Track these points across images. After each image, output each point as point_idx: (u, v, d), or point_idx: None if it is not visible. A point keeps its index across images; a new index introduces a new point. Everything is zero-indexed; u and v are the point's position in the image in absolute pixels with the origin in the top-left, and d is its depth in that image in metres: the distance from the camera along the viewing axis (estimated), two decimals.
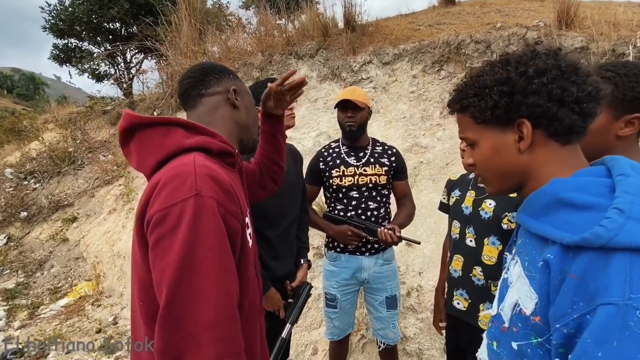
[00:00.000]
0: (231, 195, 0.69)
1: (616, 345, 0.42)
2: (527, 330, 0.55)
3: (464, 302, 1.35)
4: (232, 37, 5.63)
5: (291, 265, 1.55)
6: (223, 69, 0.91)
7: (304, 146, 3.63)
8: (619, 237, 0.45)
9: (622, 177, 0.51)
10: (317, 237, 2.94)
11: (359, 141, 1.73)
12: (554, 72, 0.56)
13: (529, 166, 0.60)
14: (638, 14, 3.44)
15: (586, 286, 0.46)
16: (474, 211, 1.32)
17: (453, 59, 3.45)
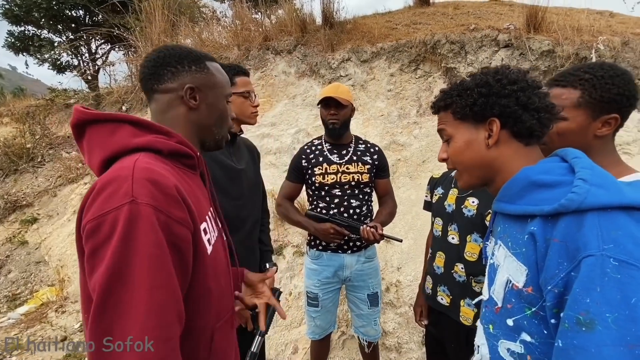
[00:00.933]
0: (176, 201, 0.62)
1: (599, 290, 0.49)
2: (521, 304, 0.61)
3: (446, 298, 1.37)
4: (206, 29, 5.44)
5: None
6: (184, 58, 0.78)
7: (282, 143, 3.59)
8: (588, 200, 0.54)
9: (576, 158, 0.62)
10: (297, 235, 2.91)
11: (342, 139, 1.73)
12: (522, 84, 0.68)
13: (496, 161, 0.71)
14: (598, 21, 3.66)
15: (567, 247, 0.54)
16: (457, 209, 1.34)
17: (429, 59, 3.52)
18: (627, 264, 0.49)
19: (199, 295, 0.68)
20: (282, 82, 3.97)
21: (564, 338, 0.52)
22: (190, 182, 0.74)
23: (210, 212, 0.79)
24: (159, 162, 0.66)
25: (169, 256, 0.59)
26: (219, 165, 1.32)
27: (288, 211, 1.75)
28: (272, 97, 3.92)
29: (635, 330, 0.46)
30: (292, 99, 3.86)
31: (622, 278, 0.48)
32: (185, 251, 0.63)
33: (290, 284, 2.66)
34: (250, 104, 1.40)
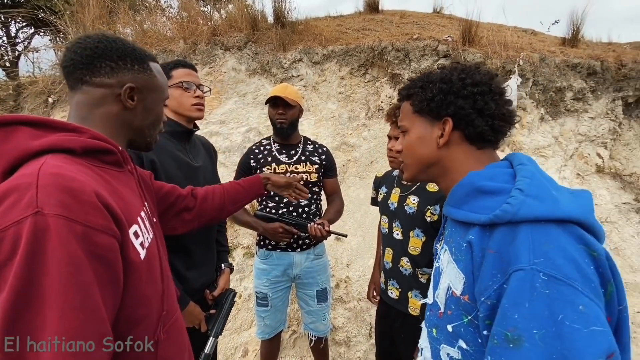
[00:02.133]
0: (95, 207, 0.55)
1: (528, 305, 0.48)
2: (459, 311, 0.60)
3: (396, 291, 1.44)
4: (148, 19, 5.09)
5: (211, 273, 1.41)
6: (128, 55, 0.73)
7: (232, 142, 3.50)
8: (521, 211, 0.53)
9: (520, 166, 0.62)
10: (247, 236, 2.86)
11: (290, 139, 1.74)
12: (484, 87, 0.67)
13: (445, 161, 0.70)
14: (522, 38, 4.12)
15: (501, 259, 0.53)
16: (399, 206, 1.42)
17: (377, 64, 3.68)
18: (555, 279, 0.47)
19: (135, 304, 0.63)
20: (232, 79, 3.87)
21: (492, 354, 0.51)
22: (115, 181, 0.67)
23: (143, 212, 0.73)
24: (71, 164, 0.59)
25: (86, 273, 0.52)
26: (175, 162, 1.26)
27: None
28: (221, 94, 3.80)
29: (561, 348, 0.45)
30: (242, 97, 3.78)
31: (551, 293, 0.47)
32: (113, 262, 0.57)
33: (240, 285, 2.61)
34: (190, 94, 1.32)
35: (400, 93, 0.78)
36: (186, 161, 1.32)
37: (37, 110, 4.56)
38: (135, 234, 0.65)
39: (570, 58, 3.30)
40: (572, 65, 3.25)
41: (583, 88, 3.25)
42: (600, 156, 3.21)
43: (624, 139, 3.31)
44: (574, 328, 0.45)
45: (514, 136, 3.22)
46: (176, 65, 1.34)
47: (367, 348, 2.32)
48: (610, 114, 3.27)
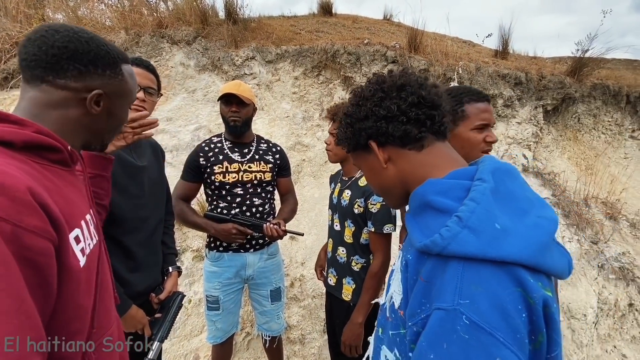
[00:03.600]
0: (29, 206, 0.51)
1: (446, 347, 0.45)
2: (397, 322, 0.58)
3: (333, 278, 1.56)
4: (84, 5, 4.65)
5: (157, 275, 1.36)
6: (100, 59, 0.68)
7: (180, 140, 3.33)
8: (451, 246, 0.48)
9: (479, 182, 0.53)
10: (197, 238, 2.75)
11: (243, 137, 1.71)
12: (377, 96, 0.65)
13: (399, 177, 0.65)
14: (461, 48, 4.49)
15: (430, 289, 0.50)
16: (338, 200, 1.54)
17: (330, 66, 3.76)
18: (477, 326, 0.44)
19: (69, 316, 0.58)
20: (180, 74, 3.69)
21: None
22: (59, 181, 0.62)
23: (88, 216, 0.68)
24: (7, 158, 0.54)
25: (16, 276, 0.47)
26: (118, 162, 1.19)
27: (184, 213, 1.65)
28: (167, 90, 3.60)
29: None
30: (191, 94, 3.62)
31: (470, 340, 0.44)
32: (44, 267, 0.51)
33: (190, 290, 2.50)
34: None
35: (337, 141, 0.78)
36: (129, 160, 1.26)
37: None
38: (76, 238, 0.60)
39: (500, 69, 3.66)
40: (502, 75, 3.62)
41: (511, 96, 3.63)
42: (525, 157, 3.61)
43: (544, 142, 3.76)
44: None
45: None
46: (136, 62, 1.29)
47: (322, 344, 2.36)
48: (533, 120, 3.70)
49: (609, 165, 3.77)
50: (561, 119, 3.88)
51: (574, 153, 3.84)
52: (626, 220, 3.13)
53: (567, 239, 2.85)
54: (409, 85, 0.64)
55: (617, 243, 2.87)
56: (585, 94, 3.83)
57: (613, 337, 2.51)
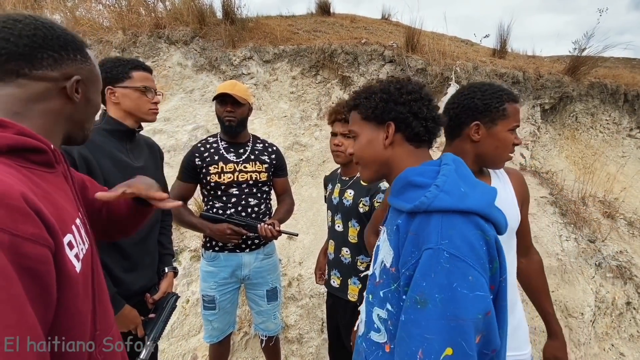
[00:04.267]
0: (24, 214, 0.49)
1: (433, 276, 0.61)
2: (389, 280, 0.73)
3: (337, 280, 1.54)
4: (81, 5, 4.65)
5: (152, 275, 1.36)
6: (69, 43, 0.66)
7: (177, 140, 3.33)
8: (434, 203, 0.66)
9: (444, 165, 0.74)
10: (195, 239, 2.75)
11: (239, 137, 1.71)
12: (416, 95, 0.80)
13: (390, 160, 0.81)
14: (459, 48, 4.49)
15: (418, 240, 0.66)
16: (339, 201, 1.53)
17: (327, 66, 3.76)
18: (455, 257, 0.61)
19: (70, 322, 0.57)
20: (177, 74, 3.68)
21: (405, 313, 0.64)
22: (45, 184, 0.59)
23: (78, 219, 0.65)
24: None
25: (17, 287, 0.45)
26: (112, 162, 1.20)
27: (180, 213, 1.65)
28: (165, 90, 3.60)
29: (453, 307, 0.59)
30: (189, 94, 3.62)
31: (450, 267, 0.60)
32: (44, 274, 0.49)
33: (188, 290, 2.50)
34: (148, 100, 1.32)
35: (347, 104, 0.90)
36: (125, 161, 1.26)
37: None
38: (69, 244, 0.57)
39: (498, 68, 3.66)
40: (500, 74, 3.62)
41: None
42: (523, 156, 3.61)
43: (541, 141, 3.76)
44: (463, 293, 0.59)
45: None
46: (136, 66, 1.31)
47: (319, 343, 2.36)
48: (531, 119, 3.70)
49: (607, 164, 3.77)
50: (559, 118, 3.88)
51: (571, 152, 3.84)
52: (624, 218, 3.13)
53: (565, 238, 2.85)
54: (433, 103, 0.83)
55: (615, 242, 2.88)
56: (582, 93, 3.83)
57: (611, 336, 2.52)
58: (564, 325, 2.45)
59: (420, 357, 0.59)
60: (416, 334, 0.60)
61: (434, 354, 0.58)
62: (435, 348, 0.58)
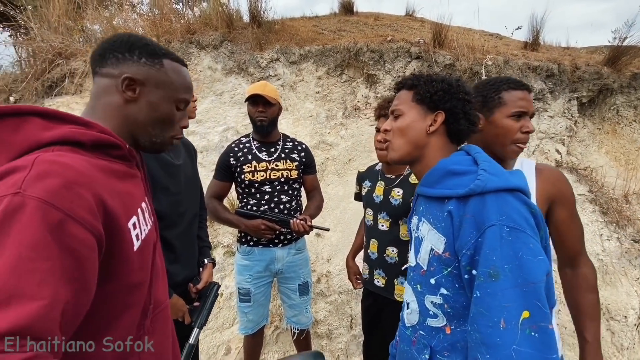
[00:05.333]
0: (82, 199, 0.54)
1: (500, 249, 0.67)
2: (441, 266, 0.77)
3: (382, 280, 1.51)
4: (118, 15, 4.93)
5: (193, 266, 1.45)
6: (138, 48, 0.73)
7: (209, 141, 3.47)
8: (488, 185, 0.72)
9: (478, 154, 0.82)
10: (227, 235, 2.86)
11: (270, 136, 1.77)
12: (470, 97, 0.86)
13: (426, 147, 0.86)
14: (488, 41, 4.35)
15: (475, 221, 0.71)
16: (384, 199, 1.50)
17: (352, 65, 3.77)
18: (514, 229, 0.67)
19: (122, 292, 0.65)
20: (208, 77, 3.83)
21: (480, 289, 0.68)
22: (120, 174, 0.69)
23: (144, 203, 0.74)
24: (77, 156, 0.60)
25: (49, 261, 0.49)
26: (157, 161, 1.29)
27: (217, 210, 1.74)
28: (196, 93, 3.75)
29: (522, 274, 0.64)
30: (219, 96, 3.75)
31: (513, 239, 0.66)
32: (83, 258, 0.53)
33: (222, 284, 2.60)
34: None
35: (403, 82, 0.92)
36: (168, 160, 1.35)
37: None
38: (133, 225, 0.66)
39: (531, 61, 3.53)
40: (533, 68, 3.49)
41: (543, 89, 3.49)
42: (558, 152, 3.46)
43: (579, 136, 3.59)
44: (528, 259, 0.65)
45: None
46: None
47: (348, 339, 2.39)
48: (567, 113, 3.54)
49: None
50: (598, 112, 3.68)
51: (612, 147, 3.63)
52: None
53: (606, 237, 2.71)
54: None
55: None
56: (624, 85, 3.61)
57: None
58: (605, 328, 2.34)
59: (503, 326, 0.63)
60: (495, 305, 0.65)
61: (514, 319, 0.62)
62: (514, 314, 0.63)
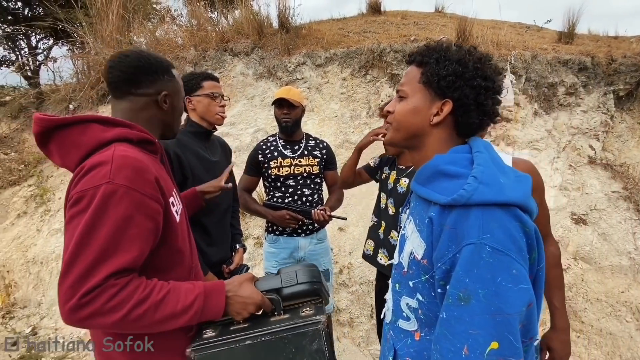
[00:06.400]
0: (150, 181, 0.78)
1: (476, 271, 0.59)
2: (419, 271, 0.71)
3: (385, 258, 1.69)
4: (160, 27, 5.38)
5: (227, 250, 1.65)
6: (159, 68, 0.93)
7: (241, 142, 3.73)
8: (474, 197, 0.62)
9: (478, 153, 0.69)
10: (257, 228, 3.09)
11: (294, 135, 1.95)
12: (490, 84, 0.71)
13: (427, 138, 0.76)
14: (521, 35, 4.26)
15: (456, 234, 0.63)
16: (394, 187, 1.67)
17: (376, 65, 3.87)
18: (498, 251, 0.59)
19: (173, 252, 0.87)
20: (240, 83, 4.11)
21: (447, 311, 0.62)
22: (157, 164, 0.90)
23: (174, 190, 0.96)
24: (133, 149, 0.82)
25: (134, 227, 0.74)
26: (196, 157, 1.51)
27: (247, 202, 1.94)
28: (230, 98, 4.04)
29: (497, 302, 0.57)
30: (250, 100, 4.01)
31: (493, 262, 0.58)
32: (158, 223, 0.81)
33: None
34: (217, 104, 1.58)
35: (412, 56, 0.78)
36: (206, 156, 1.56)
37: None
38: (172, 203, 0.88)
39: (561, 54, 3.43)
40: (564, 62, 3.39)
41: (575, 83, 3.38)
42: (592, 148, 3.34)
43: (616, 131, 3.43)
44: (508, 287, 0.58)
45: (508, 130, 3.37)
46: (206, 77, 1.59)
47: (369, 328, 2.52)
48: (602, 107, 3.40)
49: None
50: (637, 105, 3.49)
51: None
52: None
53: (639, 236, 2.61)
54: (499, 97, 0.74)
55: None
56: None
57: None
58: (635, 328, 2.27)
59: (465, 354, 0.58)
60: (460, 331, 0.59)
61: (479, 348, 0.57)
62: (480, 342, 0.57)
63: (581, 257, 2.69)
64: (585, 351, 2.39)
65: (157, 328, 0.77)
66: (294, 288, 0.91)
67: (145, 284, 0.76)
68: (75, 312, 0.68)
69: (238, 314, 0.85)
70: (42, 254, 3.36)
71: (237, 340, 0.81)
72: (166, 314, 0.76)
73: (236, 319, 0.86)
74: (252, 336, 0.81)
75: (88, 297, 0.69)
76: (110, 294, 0.70)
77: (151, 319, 0.74)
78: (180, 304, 0.78)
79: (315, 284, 0.93)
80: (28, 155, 4.62)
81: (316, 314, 0.85)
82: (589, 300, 2.48)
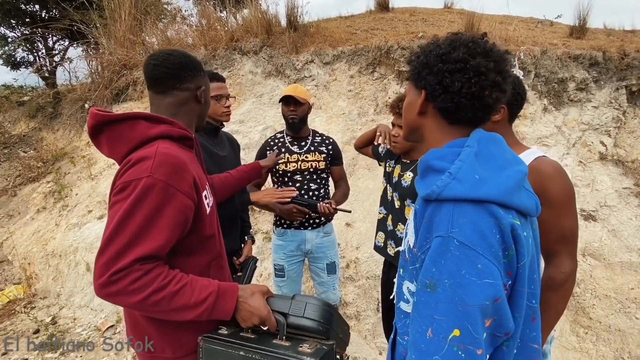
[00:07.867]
0: (186, 179, 0.86)
1: (443, 263, 0.62)
2: (413, 259, 0.75)
3: (392, 249, 1.74)
4: (171, 28, 5.49)
5: (237, 242, 1.72)
6: (197, 66, 1.02)
7: (250, 139, 3.80)
8: (444, 192, 0.65)
9: (466, 147, 0.70)
10: (266, 222, 3.16)
11: (301, 132, 2.00)
12: (457, 66, 0.69)
13: (422, 129, 0.80)
14: (527, 31, 4.21)
15: (431, 226, 0.67)
16: (398, 180, 1.71)
17: (384, 62, 3.89)
18: (464, 245, 0.61)
19: (201, 239, 0.96)
20: (249, 81, 4.17)
21: (417, 295, 0.67)
22: (194, 159, 0.99)
23: (207, 184, 1.04)
24: (174, 147, 0.90)
25: (165, 218, 0.82)
26: (205, 151, 1.58)
27: None
28: (239, 96, 4.11)
29: (461, 293, 0.60)
30: (259, 98, 4.08)
31: (460, 255, 0.61)
32: (188, 216, 0.88)
33: (261, 266, 2.90)
34: (221, 105, 1.65)
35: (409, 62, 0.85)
36: (214, 151, 1.62)
37: (75, 116, 5.04)
38: (205, 196, 0.96)
39: (572, 50, 3.39)
40: (574, 57, 3.35)
41: (585, 78, 3.34)
42: (603, 144, 3.30)
43: (628, 127, 3.38)
44: (471, 280, 0.60)
45: (517, 126, 3.35)
46: (212, 78, 1.64)
47: (375, 321, 2.56)
48: (614, 103, 3.35)
49: None
50: None
51: None
52: None
53: None
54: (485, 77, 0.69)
55: None
56: None
57: None
58: None
59: (429, 336, 0.62)
60: (426, 315, 0.63)
61: (442, 333, 0.61)
62: (444, 328, 0.61)
63: (590, 253, 2.67)
64: (594, 347, 2.39)
65: (171, 316, 0.84)
66: (298, 320, 0.90)
67: (166, 273, 0.83)
68: (104, 288, 0.77)
69: (243, 321, 0.89)
70: (61, 247, 3.50)
71: (236, 347, 0.86)
72: (180, 305, 0.83)
73: (241, 325, 0.90)
74: (247, 349, 0.85)
75: (116, 277, 0.77)
76: (134, 277, 0.78)
77: (166, 306, 0.82)
78: (194, 298, 0.84)
79: (323, 325, 0.90)
80: (46, 153, 4.80)
81: (311, 355, 0.82)
82: (598, 296, 2.47)
